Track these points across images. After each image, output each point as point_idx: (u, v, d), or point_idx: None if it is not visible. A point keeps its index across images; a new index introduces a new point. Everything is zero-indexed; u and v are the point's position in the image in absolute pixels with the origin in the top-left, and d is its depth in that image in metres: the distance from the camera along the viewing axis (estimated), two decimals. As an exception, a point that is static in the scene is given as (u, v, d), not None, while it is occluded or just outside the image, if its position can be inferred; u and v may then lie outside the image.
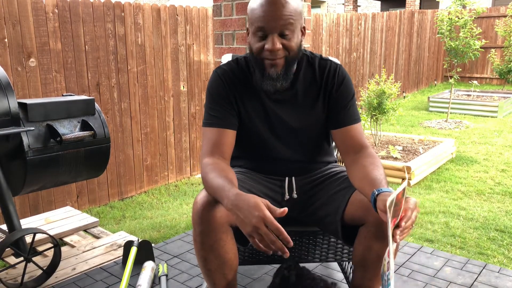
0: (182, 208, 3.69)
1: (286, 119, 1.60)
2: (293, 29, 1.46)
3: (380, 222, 1.37)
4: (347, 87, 1.59)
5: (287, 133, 1.62)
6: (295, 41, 1.47)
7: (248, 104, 1.59)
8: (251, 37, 1.50)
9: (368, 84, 5.01)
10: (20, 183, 2.06)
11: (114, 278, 2.23)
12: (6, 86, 1.97)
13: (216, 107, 1.55)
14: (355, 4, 15.96)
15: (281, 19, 1.42)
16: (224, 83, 1.57)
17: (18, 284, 2.09)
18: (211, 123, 1.54)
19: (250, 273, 2.25)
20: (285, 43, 1.45)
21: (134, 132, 4.04)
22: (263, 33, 1.45)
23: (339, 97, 1.58)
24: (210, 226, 1.38)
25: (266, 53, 1.46)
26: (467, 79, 10.22)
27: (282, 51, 1.46)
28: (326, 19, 6.80)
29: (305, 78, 1.60)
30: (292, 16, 1.44)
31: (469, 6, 6.47)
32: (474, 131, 6.11)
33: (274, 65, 1.48)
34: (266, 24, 1.43)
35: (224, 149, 1.52)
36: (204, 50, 4.57)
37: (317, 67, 1.61)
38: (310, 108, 1.60)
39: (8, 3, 3.14)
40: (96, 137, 2.23)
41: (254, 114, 1.59)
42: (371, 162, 1.45)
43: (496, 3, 13.94)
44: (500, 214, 3.30)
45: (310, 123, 1.61)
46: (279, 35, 1.44)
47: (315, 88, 1.60)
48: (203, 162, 1.48)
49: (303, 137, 1.64)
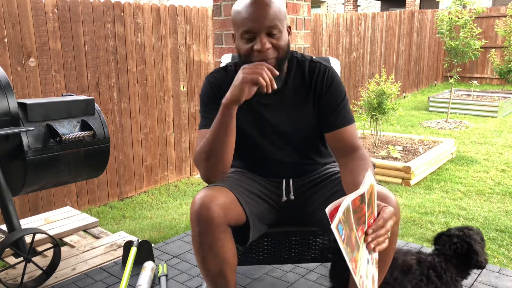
0: (182, 208, 3.69)
1: (275, 123, 1.60)
2: (281, 28, 1.45)
3: None
4: (336, 89, 1.57)
5: (278, 136, 1.62)
6: (283, 39, 1.47)
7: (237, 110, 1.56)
8: (238, 41, 1.49)
9: (368, 84, 5.01)
10: (20, 183, 2.06)
11: (114, 278, 2.23)
12: (6, 86, 1.97)
13: (208, 111, 1.58)
14: (355, 4, 15.96)
15: (267, 18, 1.41)
16: (214, 89, 1.59)
17: (18, 284, 2.09)
18: (206, 125, 1.56)
19: (250, 273, 2.25)
20: (274, 43, 1.44)
21: (134, 132, 4.04)
22: (250, 35, 1.43)
23: (328, 100, 1.56)
24: (208, 226, 1.38)
25: (255, 54, 1.44)
26: (467, 79, 10.22)
27: (272, 51, 1.45)
28: (326, 19, 6.80)
29: (294, 81, 1.59)
30: (278, 16, 1.43)
31: (469, 6, 6.47)
32: (474, 131, 6.11)
33: None
34: (253, 25, 1.42)
35: None
36: (204, 50, 4.57)
37: (307, 70, 1.60)
38: (299, 112, 1.59)
39: (8, 3, 3.13)
40: (95, 137, 2.23)
41: (244, 118, 1.58)
42: (359, 165, 1.43)
43: (496, 3, 13.94)
44: (500, 214, 3.30)
45: (300, 126, 1.61)
46: (267, 35, 1.43)
47: (304, 91, 1.59)
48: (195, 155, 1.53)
49: (294, 140, 1.63)
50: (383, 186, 1.43)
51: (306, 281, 2.18)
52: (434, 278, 1.62)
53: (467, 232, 1.66)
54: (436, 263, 1.65)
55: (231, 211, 1.43)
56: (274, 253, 1.73)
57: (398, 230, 1.42)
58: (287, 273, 2.25)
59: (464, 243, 1.63)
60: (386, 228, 1.15)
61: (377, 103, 4.67)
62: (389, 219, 1.17)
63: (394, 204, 1.38)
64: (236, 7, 1.49)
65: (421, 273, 1.63)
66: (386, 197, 1.38)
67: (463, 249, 1.63)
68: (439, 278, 1.62)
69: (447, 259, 1.66)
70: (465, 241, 1.64)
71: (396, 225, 1.40)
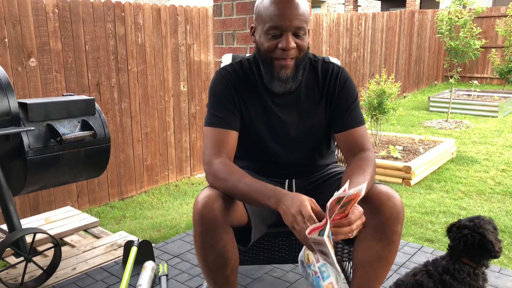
0: (182, 208, 3.69)
1: (287, 121, 1.59)
2: (306, 30, 1.46)
3: (381, 224, 1.37)
4: (349, 90, 1.58)
5: (288, 136, 1.60)
6: (306, 41, 1.48)
7: (250, 106, 1.57)
8: (261, 36, 1.47)
9: (368, 84, 5.01)
10: (21, 183, 2.06)
11: (114, 278, 2.23)
12: (6, 86, 1.97)
13: (220, 107, 1.53)
14: (356, 4, 15.95)
15: (296, 18, 1.42)
16: (228, 84, 1.56)
17: (18, 284, 2.09)
18: (214, 123, 1.51)
19: (250, 273, 2.25)
20: (299, 43, 1.45)
21: (134, 132, 4.04)
22: (277, 32, 1.43)
23: (341, 100, 1.57)
24: (211, 226, 1.37)
25: (279, 52, 1.45)
26: (467, 79, 10.22)
27: (294, 51, 1.46)
28: (327, 19, 6.80)
29: (307, 81, 1.59)
30: (305, 17, 1.45)
31: (469, 6, 6.47)
32: (474, 131, 6.10)
33: (285, 66, 1.47)
34: (282, 23, 1.41)
35: (229, 150, 1.50)
36: (204, 50, 4.57)
37: (320, 70, 1.60)
38: (312, 112, 1.59)
39: (8, 3, 3.14)
40: (96, 137, 2.23)
41: (255, 116, 1.58)
42: (359, 165, 1.43)
43: (496, 3, 13.93)
44: (500, 214, 3.30)
45: (311, 126, 1.60)
46: (293, 34, 1.44)
47: (317, 91, 1.59)
48: (211, 161, 1.44)
49: (304, 140, 1.62)
50: (387, 186, 1.42)
51: (306, 281, 2.18)
52: (450, 281, 1.57)
53: (478, 222, 1.58)
54: (449, 265, 1.60)
55: (233, 212, 1.43)
56: (274, 253, 1.73)
57: (401, 230, 1.42)
58: (287, 273, 2.25)
59: (476, 234, 1.56)
60: (351, 228, 1.19)
61: (377, 103, 4.67)
62: (358, 219, 1.20)
63: (399, 204, 1.37)
64: (263, 2, 1.47)
65: (434, 284, 1.60)
66: (392, 197, 1.38)
67: (475, 240, 1.56)
68: (455, 278, 1.57)
69: (460, 254, 1.60)
70: (477, 232, 1.56)
71: (400, 225, 1.40)
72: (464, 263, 1.59)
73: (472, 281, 1.57)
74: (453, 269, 1.59)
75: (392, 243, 1.41)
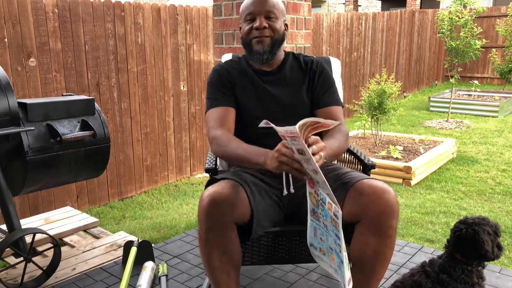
0: (182, 208, 3.69)
1: (276, 94, 1.78)
2: (277, 15, 1.75)
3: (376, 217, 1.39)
4: (327, 75, 1.84)
5: (277, 107, 1.77)
6: (279, 25, 1.76)
7: (241, 86, 1.80)
8: (242, 24, 1.79)
9: (368, 84, 5.01)
10: (20, 183, 2.06)
11: (114, 278, 2.23)
12: (6, 86, 1.97)
13: (216, 92, 1.77)
14: (356, 4, 15.95)
15: (267, 5, 1.73)
16: (221, 73, 1.81)
17: (18, 284, 2.09)
18: (213, 104, 1.75)
19: (250, 273, 2.25)
20: (270, 24, 1.74)
21: (134, 132, 4.04)
22: (252, 17, 1.74)
23: (320, 83, 1.82)
24: (216, 223, 1.39)
25: (254, 32, 1.74)
26: (468, 79, 10.21)
27: (268, 31, 1.73)
28: (327, 19, 6.79)
29: (292, 66, 1.85)
30: (275, 6, 1.75)
31: (470, 5, 6.47)
32: (475, 131, 6.10)
33: (261, 42, 1.73)
34: (254, 8, 1.73)
35: (228, 124, 1.71)
36: (204, 50, 4.56)
37: (302, 61, 1.87)
38: (297, 89, 1.81)
39: (8, 3, 3.13)
40: (96, 137, 2.22)
41: (248, 94, 1.78)
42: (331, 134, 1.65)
43: (496, 3, 13.93)
44: (501, 214, 3.29)
45: (297, 101, 1.79)
46: (265, 18, 1.73)
47: (301, 74, 1.84)
48: (214, 133, 1.66)
49: (291, 113, 1.76)
50: (382, 181, 1.45)
51: (306, 281, 2.18)
52: (447, 279, 1.58)
53: (478, 221, 1.57)
54: (445, 263, 1.60)
55: (238, 208, 1.44)
56: (274, 253, 1.73)
57: (396, 225, 1.44)
58: (288, 273, 2.25)
59: (471, 230, 1.55)
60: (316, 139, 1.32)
61: (377, 103, 4.67)
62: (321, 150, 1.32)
63: (392, 199, 1.40)
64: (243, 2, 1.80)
65: (432, 284, 1.60)
66: (386, 191, 1.42)
67: (468, 235, 1.55)
68: (451, 276, 1.58)
69: (454, 249, 1.60)
70: (472, 229, 1.55)
71: (395, 220, 1.43)
72: (458, 260, 1.60)
73: (466, 277, 1.57)
74: (449, 267, 1.60)
75: (388, 238, 1.43)
